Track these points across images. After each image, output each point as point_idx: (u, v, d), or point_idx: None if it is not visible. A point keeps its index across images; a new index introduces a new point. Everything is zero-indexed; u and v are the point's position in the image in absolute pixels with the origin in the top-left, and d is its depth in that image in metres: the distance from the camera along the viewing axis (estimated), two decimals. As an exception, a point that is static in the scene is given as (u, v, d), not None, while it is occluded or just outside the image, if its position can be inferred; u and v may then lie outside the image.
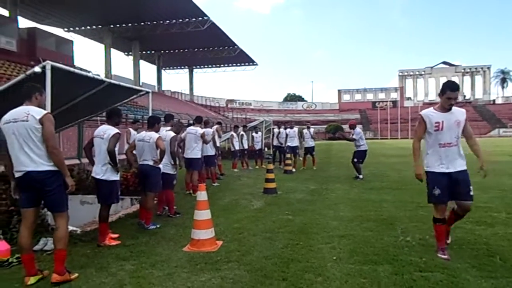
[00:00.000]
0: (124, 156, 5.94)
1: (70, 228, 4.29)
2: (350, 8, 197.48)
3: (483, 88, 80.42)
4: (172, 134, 6.08)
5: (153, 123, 5.52)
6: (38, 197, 3.38)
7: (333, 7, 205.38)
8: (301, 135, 14.02)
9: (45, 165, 3.30)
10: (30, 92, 3.47)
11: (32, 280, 3.27)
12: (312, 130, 13.55)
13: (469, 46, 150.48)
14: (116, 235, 4.72)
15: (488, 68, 79.78)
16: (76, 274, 3.48)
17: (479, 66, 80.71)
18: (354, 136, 10.15)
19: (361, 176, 9.79)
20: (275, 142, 13.95)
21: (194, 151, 7.91)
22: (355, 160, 10.03)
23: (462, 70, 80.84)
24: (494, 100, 78.59)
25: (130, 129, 9.44)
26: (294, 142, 13.12)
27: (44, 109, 3.50)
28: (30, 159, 3.27)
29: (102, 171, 4.48)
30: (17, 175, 3.34)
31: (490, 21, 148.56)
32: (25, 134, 3.26)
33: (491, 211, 5.81)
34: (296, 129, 13.47)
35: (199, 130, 8.08)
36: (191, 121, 8.89)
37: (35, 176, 3.27)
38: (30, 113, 3.29)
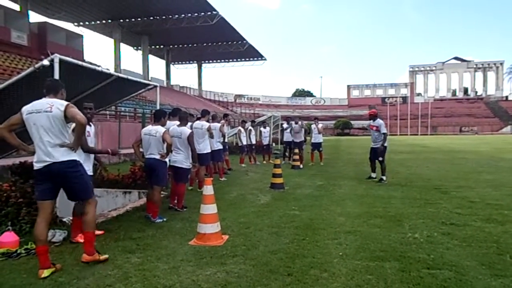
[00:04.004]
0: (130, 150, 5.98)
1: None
2: (360, 2, 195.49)
3: (495, 84, 79.04)
4: (188, 131, 6.10)
5: (159, 117, 5.52)
6: (56, 189, 3.45)
7: (342, 1, 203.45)
8: (308, 131, 13.89)
9: (66, 155, 3.37)
10: (57, 86, 3.58)
11: (45, 273, 3.27)
12: (320, 125, 13.42)
13: (482, 42, 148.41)
14: (101, 232, 4.56)
15: (501, 64, 78.29)
16: (106, 256, 3.65)
17: (491, 61, 79.26)
18: (382, 131, 8.68)
19: (374, 176, 8.89)
20: (285, 138, 13.89)
21: (202, 146, 7.89)
22: (381, 159, 8.71)
23: (474, 66, 79.46)
24: (506, 97, 77.18)
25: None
26: (299, 138, 12.96)
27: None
28: (52, 149, 3.32)
29: None
30: (37, 166, 3.36)
31: (503, 16, 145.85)
32: (47, 125, 3.32)
33: (502, 208, 5.72)
34: (301, 123, 13.24)
35: (205, 124, 8.05)
36: (199, 115, 8.88)
37: (58, 167, 3.32)
38: (54, 104, 3.36)
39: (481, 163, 12.67)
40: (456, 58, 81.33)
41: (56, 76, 4.48)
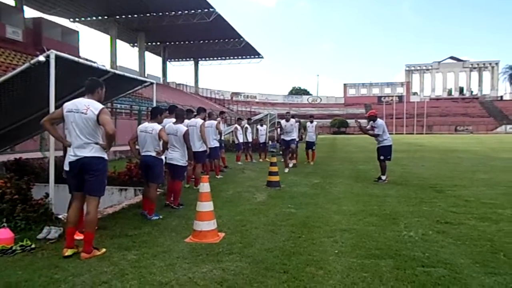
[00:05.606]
0: (126, 147, 5.96)
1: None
2: (357, 0, 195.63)
3: (491, 84, 79.49)
4: (184, 128, 6.08)
5: (156, 114, 5.50)
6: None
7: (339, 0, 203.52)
8: (304, 129, 13.82)
9: (96, 152, 3.73)
10: (94, 86, 3.88)
11: (69, 252, 3.63)
12: (314, 124, 13.32)
13: (478, 41, 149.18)
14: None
15: (497, 63, 78.75)
16: (104, 250, 3.80)
17: (487, 61, 79.67)
18: (377, 131, 8.65)
19: (383, 178, 8.49)
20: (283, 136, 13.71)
21: (198, 143, 7.85)
22: (382, 157, 8.60)
23: (470, 66, 79.86)
24: (501, 96, 77.68)
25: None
26: (290, 136, 12.68)
27: (102, 102, 3.92)
28: (85, 146, 3.69)
29: None
30: (71, 159, 3.73)
31: (499, 16, 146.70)
32: (81, 125, 3.68)
33: (496, 207, 5.77)
34: (293, 121, 13.02)
35: (199, 122, 7.97)
36: (195, 113, 8.81)
37: (88, 161, 3.69)
38: (90, 107, 3.70)
39: (476, 162, 12.77)
40: (452, 58, 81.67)
41: (52, 72, 4.45)
